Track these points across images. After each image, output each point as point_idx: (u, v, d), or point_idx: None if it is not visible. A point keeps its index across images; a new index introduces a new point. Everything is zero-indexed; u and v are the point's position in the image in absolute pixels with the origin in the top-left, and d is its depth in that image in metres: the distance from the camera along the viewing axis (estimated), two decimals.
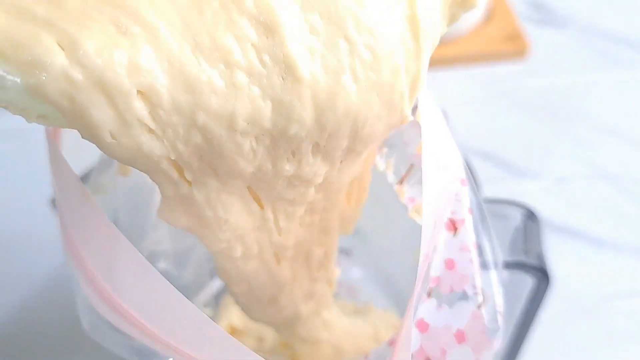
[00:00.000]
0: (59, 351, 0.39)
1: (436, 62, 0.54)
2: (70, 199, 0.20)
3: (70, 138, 0.22)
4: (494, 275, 0.21)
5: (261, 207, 0.20)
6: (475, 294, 0.20)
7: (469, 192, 0.22)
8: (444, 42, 0.55)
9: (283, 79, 0.16)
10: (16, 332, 0.40)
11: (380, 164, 0.23)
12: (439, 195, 0.20)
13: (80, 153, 0.24)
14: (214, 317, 0.35)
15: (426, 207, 0.19)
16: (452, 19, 0.20)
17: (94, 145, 0.16)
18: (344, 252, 0.37)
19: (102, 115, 0.15)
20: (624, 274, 0.43)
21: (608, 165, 0.49)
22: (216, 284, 0.36)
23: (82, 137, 0.16)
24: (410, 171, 0.23)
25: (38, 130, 0.22)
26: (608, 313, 0.42)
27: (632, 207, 0.47)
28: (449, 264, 0.21)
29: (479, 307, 0.20)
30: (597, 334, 0.41)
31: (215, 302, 0.36)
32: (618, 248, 0.45)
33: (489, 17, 0.57)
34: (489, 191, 0.32)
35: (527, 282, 0.27)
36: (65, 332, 0.39)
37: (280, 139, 0.17)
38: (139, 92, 0.15)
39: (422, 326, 0.20)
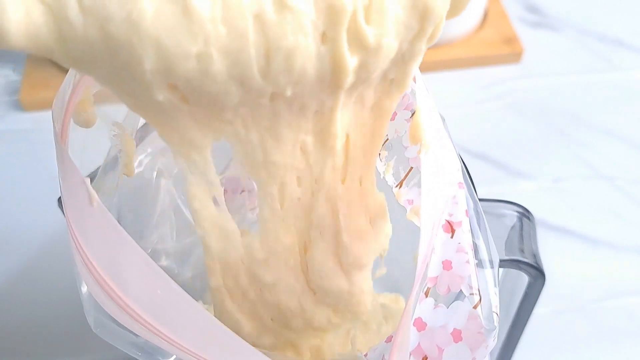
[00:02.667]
0: (65, 349, 0.40)
1: (433, 66, 0.54)
2: (76, 199, 0.20)
3: (77, 139, 0.23)
4: (490, 275, 0.22)
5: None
6: (472, 294, 0.21)
7: (466, 194, 0.23)
8: (440, 45, 0.56)
9: None
10: (23, 330, 0.40)
11: (380, 167, 0.24)
12: (437, 198, 0.20)
13: (86, 154, 0.24)
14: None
15: (424, 212, 0.19)
16: None
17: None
18: None
19: None
20: (618, 273, 0.44)
21: (603, 165, 0.49)
22: None
23: None
24: (409, 174, 0.23)
25: (47, 131, 0.22)
26: (603, 311, 0.42)
27: (627, 206, 0.47)
28: (446, 265, 0.21)
29: (475, 307, 0.20)
30: (592, 331, 0.41)
31: None
32: (613, 247, 0.45)
33: (485, 20, 0.57)
34: (485, 191, 0.33)
35: (523, 280, 0.28)
36: (71, 330, 0.40)
37: None
38: None
39: (420, 325, 0.21)
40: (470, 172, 0.25)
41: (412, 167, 0.23)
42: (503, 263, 0.26)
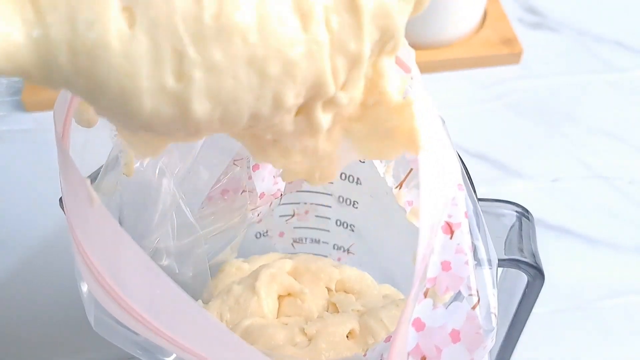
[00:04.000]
0: (65, 349, 0.40)
1: (432, 66, 0.55)
2: (76, 200, 0.21)
3: (78, 139, 0.23)
4: (488, 277, 0.22)
5: None
6: (470, 295, 0.21)
7: (466, 196, 0.23)
8: (439, 46, 0.56)
9: None
10: (23, 330, 0.41)
11: (380, 168, 0.24)
12: (436, 199, 0.21)
13: (88, 154, 0.24)
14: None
15: (423, 212, 0.19)
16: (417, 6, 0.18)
17: None
18: (345, 250, 0.38)
19: None
20: (617, 273, 0.44)
21: (601, 165, 0.50)
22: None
23: None
24: (408, 175, 0.23)
25: (49, 131, 0.22)
26: (602, 311, 0.42)
27: (624, 206, 0.47)
28: (445, 266, 0.21)
29: (473, 308, 0.21)
30: (591, 331, 0.41)
31: None
32: (611, 247, 0.45)
33: (484, 21, 0.57)
34: (485, 191, 0.33)
35: (522, 279, 0.28)
36: (72, 330, 0.40)
37: None
38: None
39: (419, 325, 0.21)
40: (469, 172, 0.25)
41: (411, 169, 0.24)
42: (502, 263, 0.26)
